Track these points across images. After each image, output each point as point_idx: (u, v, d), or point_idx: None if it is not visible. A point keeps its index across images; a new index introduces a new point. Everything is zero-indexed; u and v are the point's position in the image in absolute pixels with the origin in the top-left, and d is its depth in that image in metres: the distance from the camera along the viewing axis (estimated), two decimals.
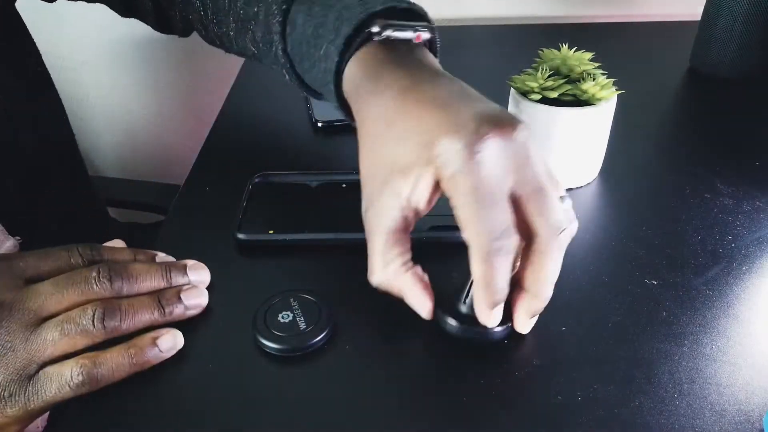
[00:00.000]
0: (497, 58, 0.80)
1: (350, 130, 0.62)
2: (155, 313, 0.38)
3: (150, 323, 0.38)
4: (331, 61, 0.40)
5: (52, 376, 0.34)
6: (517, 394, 0.35)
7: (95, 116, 1.08)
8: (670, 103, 0.70)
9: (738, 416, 0.34)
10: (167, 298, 0.39)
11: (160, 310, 0.38)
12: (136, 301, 0.37)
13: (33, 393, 0.34)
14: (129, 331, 0.37)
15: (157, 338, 0.37)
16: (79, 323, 0.35)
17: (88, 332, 0.35)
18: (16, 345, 0.34)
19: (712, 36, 0.71)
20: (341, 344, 0.39)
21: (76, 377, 0.34)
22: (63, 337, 0.35)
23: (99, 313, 0.36)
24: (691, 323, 0.40)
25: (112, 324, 0.36)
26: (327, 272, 0.45)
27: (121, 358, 0.35)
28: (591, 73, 0.50)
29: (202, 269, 0.42)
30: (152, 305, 0.38)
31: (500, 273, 0.34)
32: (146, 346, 0.36)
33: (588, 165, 0.53)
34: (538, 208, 0.34)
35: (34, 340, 0.34)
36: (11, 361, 0.34)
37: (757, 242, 0.46)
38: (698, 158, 0.57)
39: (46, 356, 0.35)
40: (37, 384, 0.34)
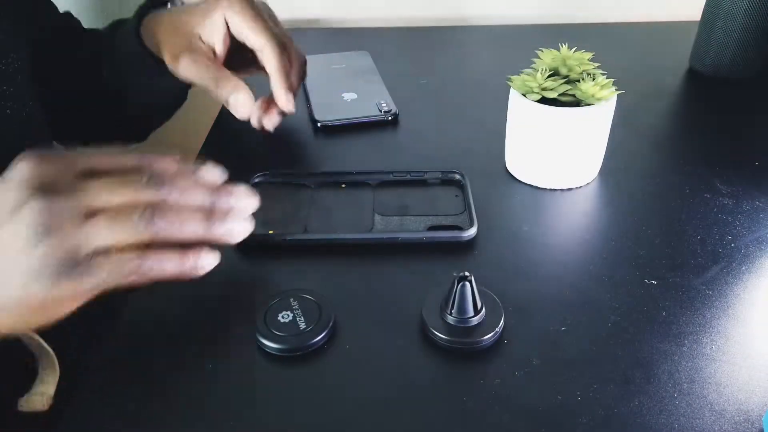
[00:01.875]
0: (497, 58, 0.80)
1: (350, 131, 0.63)
2: (198, 227, 0.39)
3: (191, 235, 0.39)
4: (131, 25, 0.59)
5: (104, 263, 0.36)
6: (517, 394, 0.35)
7: None
8: (669, 103, 0.70)
9: (737, 416, 0.34)
10: (212, 215, 0.40)
11: (204, 224, 0.39)
12: (183, 211, 0.39)
13: (86, 274, 0.36)
14: (172, 237, 0.38)
15: (198, 253, 0.39)
16: (129, 219, 0.37)
17: (135, 229, 0.37)
18: (71, 228, 0.36)
19: (711, 36, 0.71)
20: (341, 344, 0.39)
21: (127, 265, 0.36)
22: (113, 229, 0.36)
23: (148, 213, 0.37)
24: (691, 323, 0.40)
25: (158, 225, 0.37)
26: (327, 272, 0.45)
27: (165, 260, 0.37)
28: (590, 73, 0.50)
29: (247, 197, 0.42)
30: (197, 218, 0.39)
31: (287, 60, 0.54)
32: (187, 256, 0.38)
33: (588, 165, 0.53)
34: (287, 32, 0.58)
35: (87, 228, 0.36)
36: (65, 242, 0.35)
37: (757, 242, 0.46)
38: (698, 158, 0.57)
39: (96, 244, 0.36)
40: (89, 268, 0.36)
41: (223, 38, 0.53)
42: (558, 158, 0.51)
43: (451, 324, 0.38)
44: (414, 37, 0.87)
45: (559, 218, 0.50)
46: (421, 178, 0.53)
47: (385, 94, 0.68)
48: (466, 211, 0.49)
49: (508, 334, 0.39)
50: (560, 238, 0.48)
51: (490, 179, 0.54)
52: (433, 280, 0.42)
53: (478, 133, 0.62)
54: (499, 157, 0.56)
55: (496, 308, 0.39)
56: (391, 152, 0.60)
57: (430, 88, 0.72)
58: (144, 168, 0.39)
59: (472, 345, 0.38)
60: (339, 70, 0.75)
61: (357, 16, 0.96)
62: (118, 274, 0.36)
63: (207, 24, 0.53)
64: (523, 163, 0.53)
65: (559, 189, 0.53)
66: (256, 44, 0.53)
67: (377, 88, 0.70)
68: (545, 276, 0.44)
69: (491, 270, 0.44)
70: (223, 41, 0.53)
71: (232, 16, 0.52)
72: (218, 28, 0.53)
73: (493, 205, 0.51)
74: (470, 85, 0.73)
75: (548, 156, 0.51)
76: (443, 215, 0.49)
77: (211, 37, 0.53)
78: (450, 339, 0.38)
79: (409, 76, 0.75)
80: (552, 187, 0.53)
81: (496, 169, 0.56)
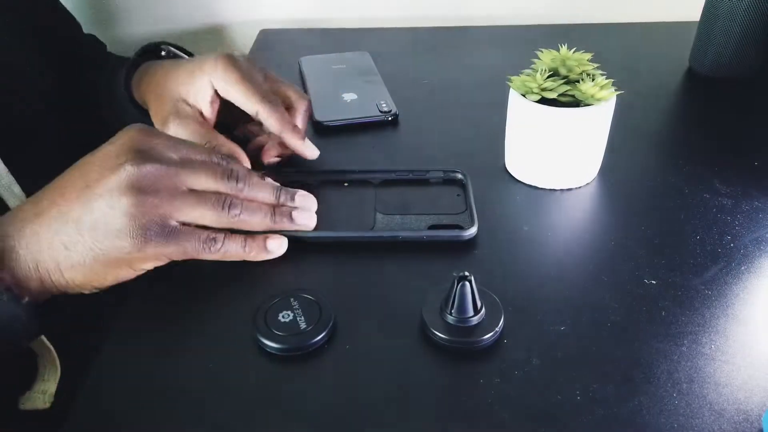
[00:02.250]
0: (497, 58, 0.80)
1: (350, 131, 0.63)
2: (267, 218, 0.44)
3: (260, 225, 0.44)
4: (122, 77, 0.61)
5: (190, 232, 0.41)
6: (517, 394, 0.35)
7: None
8: (669, 103, 0.70)
9: (737, 415, 0.34)
10: (281, 210, 0.45)
11: (271, 216, 0.44)
12: (254, 203, 0.44)
13: (172, 239, 0.40)
14: (243, 225, 0.43)
15: (268, 239, 0.44)
16: (214, 202, 0.41)
17: (217, 212, 0.41)
18: (164, 195, 0.39)
19: (711, 36, 0.71)
20: (341, 344, 0.39)
21: (210, 239, 0.41)
22: (199, 207, 0.41)
23: (228, 200, 0.42)
24: (690, 323, 0.40)
25: (234, 212, 0.42)
26: (328, 272, 0.45)
27: (239, 242, 0.43)
28: (590, 74, 0.50)
29: (309, 198, 0.47)
30: (266, 210, 0.44)
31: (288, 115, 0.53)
32: (261, 242, 0.44)
33: (587, 165, 0.53)
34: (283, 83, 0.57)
35: (179, 198, 0.40)
36: (157, 206, 0.39)
37: (756, 242, 0.46)
38: (697, 158, 0.57)
39: (184, 216, 0.40)
40: (177, 234, 0.40)
41: (210, 100, 0.52)
42: (558, 158, 0.51)
43: (451, 324, 0.38)
44: (414, 37, 0.87)
45: (559, 218, 0.50)
46: (423, 177, 0.53)
47: (385, 94, 0.68)
48: (467, 211, 0.49)
49: (508, 334, 0.39)
50: (560, 238, 0.48)
51: (489, 179, 0.54)
52: (433, 280, 0.42)
53: (478, 133, 0.62)
54: (499, 157, 0.56)
55: (496, 308, 0.39)
56: (391, 152, 0.60)
57: (430, 88, 0.72)
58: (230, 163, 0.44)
59: (472, 345, 0.38)
60: (339, 70, 0.75)
61: (357, 16, 0.96)
62: (200, 247, 0.41)
63: (190, 89, 0.52)
64: (523, 163, 0.53)
65: (559, 189, 0.53)
66: (250, 110, 0.51)
67: (377, 88, 0.70)
68: (545, 276, 0.44)
69: (491, 270, 0.44)
70: (211, 103, 0.52)
71: (217, 81, 0.51)
72: (204, 92, 0.52)
73: (493, 205, 0.51)
74: (470, 85, 0.73)
75: (548, 156, 0.51)
76: (444, 214, 0.49)
77: (197, 101, 0.53)
78: (450, 339, 0.38)
79: (409, 76, 0.75)
80: (552, 187, 0.53)
81: (496, 169, 0.56)
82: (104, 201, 0.38)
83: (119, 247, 0.38)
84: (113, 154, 0.39)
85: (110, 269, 0.39)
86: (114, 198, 0.38)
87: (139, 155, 0.39)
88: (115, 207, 0.38)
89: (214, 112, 0.53)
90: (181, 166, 0.41)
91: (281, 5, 0.95)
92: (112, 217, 0.38)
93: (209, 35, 0.97)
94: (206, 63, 0.52)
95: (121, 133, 0.41)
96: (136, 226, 0.38)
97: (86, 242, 0.38)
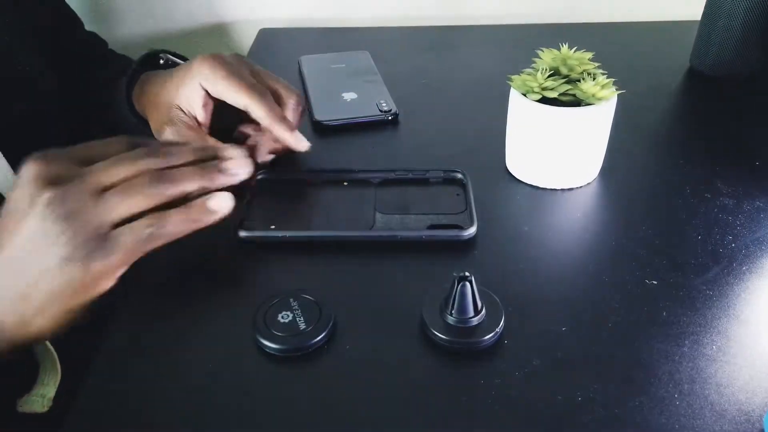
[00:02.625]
0: (497, 58, 0.80)
1: (350, 130, 0.63)
2: (203, 179, 0.42)
3: (199, 188, 0.42)
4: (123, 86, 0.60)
5: (125, 232, 0.38)
6: (517, 394, 0.35)
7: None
8: (670, 103, 0.70)
9: (738, 416, 0.34)
10: (212, 166, 0.43)
11: (202, 176, 0.42)
12: (184, 168, 0.42)
13: (110, 248, 0.38)
14: (182, 193, 0.41)
15: (209, 199, 0.42)
16: (137, 187, 0.39)
17: (147, 194, 0.39)
18: (87, 209, 0.38)
19: (711, 36, 0.71)
20: (341, 344, 0.39)
21: (147, 230, 0.39)
22: (125, 200, 0.39)
23: (154, 177, 0.40)
24: (691, 323, 0.40)
25: (166, 186, 0.40)
26: (327, 272, 0.45)
27: (181, 215, 0.40)
28: (591, 73, 0.50)
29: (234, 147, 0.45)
30: (199, 171, 0.42)
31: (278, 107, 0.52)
32: (201, 205, 0.41)
33: (588, 165, 0.53)
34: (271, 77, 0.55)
35: (101, 205, 0.38)
36: (84, 224, 0.37)
37: (757, 242, 0.46)
38: (698, 158, 0.57)
39: (114, 217, 0.38)
40: (113, 240, 0.38)
41: (202, 103, 0.52)
42: (558, 158, 0.51)
43: (451, 324, 0.38)
44: (414, 37, 0.87)
45: (559, 218, 0.50)
46: (422, 176, 0.53)
47: (385, 94, 0.68)
48: (467, 210, 0.49)
49: (508, 334, 0.39)
50: (560, 238, 0.48)
51: (490, 179, 0.54)
52: (433, 280, 0.42)
53: (478, 133, 0.62)
54: (499, 157, 0.56)
55: (496, 308, 0.39)
56: (391, 152, 0.60)
57: (430, 88, 0.72)
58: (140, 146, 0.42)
59: (472, 345, 0.38)
60: (339, 70, 0.75)
61: (357, 16, 0.96)
62: (143, 239, 0.39)
63: (182, 94, 0.52)
64: (523, 163, 0.53)
65: (559, 189, 0.53)
66: (239, 104, 0.51)
67: (377, 88, 0.70)
68: (545, 276, 0.44)
69: (491, 270, 0.44)
70: (204, 106, 0.52)
71: (205, 81, 0.51)
72: (195, 95, 0.52)
73: (493, 204, 0.51)
74: (470, 85, 0.73)
75: (548, 156, 0.51)
76: (444, 214, 0.49)
77: (189, 106, 0.52)
78: (450, 339, 0.38)
79: (409, 76, 0.74)
80: (552, 187, 0.53)
81: (496, 169, 0.56)
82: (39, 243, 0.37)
83: (70, 279, 0.37)
84: (23, 198, 0.38)
85: (75, 299, 0.38)
86: (46, 236, 0.37)
87: (46, 184, 0.38)
88: (51, 243, 0.37)
89: (208, 116, 0.53)
90: (91, 170, 0.39)
91: (281, 5, 0.95)
92: (51, 252, 0.37)
93: (209, 35, 0.97)
94: (193, 65, 0.52)
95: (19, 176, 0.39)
96: (74, 250, 0.37)
97: (42, 287, 0.37)
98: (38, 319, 0.38)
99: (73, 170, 0.39)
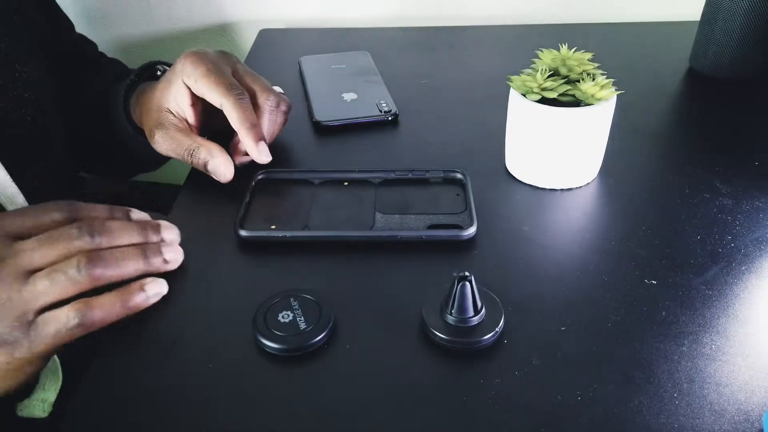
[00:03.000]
0: (497, 58, 0.80)
1: (350, 131, 0.63)
2: (139, 263, 0.41)
3: (133, 273, 0.40)
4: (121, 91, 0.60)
5: (49, 320, 0.37)
6: (517, 393, 0.35)
7: None
8: (669, 103, 0.70)
9: (737, 416, 0.34)
10: (150, 248, 0.42)
11: (143, 259, 0.41)
12: (118, 251, 0.40)
13: (35, 337, 0.37)
14: (113, 279, 0.39)
15: (144, 284, 0.40)
16: (66, 272, 0.38)
17: (75, 280, 0.38)
18: (12, 295, 0.36)
19: (711, 36, 0.71)
20: (341, 344, 0.39)
21: (72, 319, 0.37)
22: (53, 286, 0.37)
23: (83, 262, 0.38)
24: (691, 323, 0.40)
25: (96, 271, 0.38)
26: (327, 271, 0.45)
27: (111, 302, 0.38)
28: (590, 73, 0.50)
29: (172, 229, 0.45)
30: (135, 255, 0.41)
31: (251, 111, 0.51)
32: (134, 290, 0.40)
33: (588, 165, 0.53)
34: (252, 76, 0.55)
35: (27, 290, 0.37)
36: (9, 311, 0.36)
37: (757, 242, 0.46)
38: (698, 158, 0.57)
39: (40, 304, 0.37)
40: (37, 329, 0.37)
41: (189, 103, 0.52)
42: (558, 158, 0.51)
43: (451, 324, 0.38)
44: (414, 37, 0.87)
45: (559, 218, 0.50)
46: (422, 176, 0.53)
47: (385, 94, 0.68)
48: (467, 210, 0.49)
49: (508, 334, 0.39)
50: (560, 238, 0.48)
51: (490, 179, 0.54)
52: (433, 280, 0.42)
53: (478, 133, 0.62)
54: (499, 157, 0.56)
55: (496, 308, 0.39)
56: (391, 152, 0.60)
57: (430, 88, 0.72)
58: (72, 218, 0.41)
59: (472, 345, 0.38)
60: (339, 70, 0.75)
61: (357, 16, 0.96)
62: (69, 329, 0.37)
63: (169, 95, 0.52)
64: (523, 163, 0.53)
65: (559, 189, 0.53)
66: (215, 102, 0.51)
67: (377, 88, 0.70)
68: (545, 276, 0.44)
69: (491, 270, 0.44)
70: (192, 107, 0.52)
71: (187, 79, 0.51)
72: (182, 96, 0.51)
73: (493, 205, 0.51)
74: (470, 85, 0.73)
75: (548, 156, 0.51)
76: (444, 214, 0.49)
77: (178, 107, 0.52)
78: (450, 339, 0.38)
79: (409, 76, 0.75)
80: (552, 187, 0.53)
81: (496, 169, 0.56)
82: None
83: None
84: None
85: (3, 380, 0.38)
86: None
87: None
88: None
89: (197, 116, 0.53)
90: (21, 250, 0.38)
91: (281, 5, 0.95)
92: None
93: (209, 36, 0.98)
94: (177, 64, 0.52)
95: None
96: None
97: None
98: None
99: (2, 248, 0.38)
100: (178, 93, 0.51)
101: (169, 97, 0.52)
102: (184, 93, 0.51)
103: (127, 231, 0.42)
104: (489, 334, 0.38)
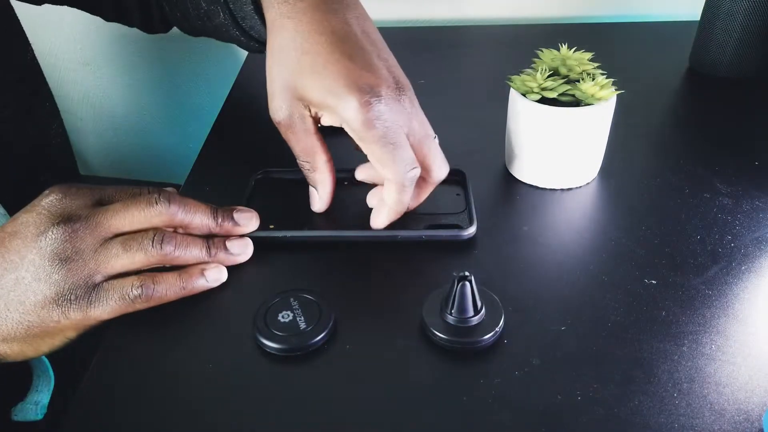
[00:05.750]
0: (497, 58, 0.80)
1: None
2: (203, 251, 0.42)
3: (197, 259, 0.42)
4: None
5: (115, 287, 0.38)
6: (517, 394, 0.35)
7: (95, 117, 1.08)
8: (669, 103, 0.70)
9: (737, 415, 0.34)
10: (215, 242, 0.43)
11: (207, 250, 0.42)
12: (188, 236, 0.42)
13: (95, 299, 0.38)
14: (179, 260, 0.41)
15: (205, 270, 0.42)
16: (141, 242, 0.39)
17: (146, 251, 0.39)
18: (87, 253, 0.38)
19: (711, 36, 0.71)
20: (341, 344, 0.39)
21: (136, 289, 0.39)
22: (125, 252, 0.39)
23: (158, 237, 0.40)
24: (691, 323, 0.40)
25: (167, 249, 0.40)
26: (327, 271, 0.45)
27: (174, 281, 0.40)
28: (590, 73, 0.50)
29: (249, 215, 0.45)
30: (201, 244, 0.42)
31: (409, 196, 0.44)
32: (195, 273, 0.41)
33: (587, 165, 0.53)
34: (431, 150, 0.45)
35: (102, 252, 0.38)
36: (80, 267, 0.38)
37: (757, 242, 0.46)
38: (697, 158, 0.57)
39: (110, 269, 0.39)
40: (101, 292, 0.38)
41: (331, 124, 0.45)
42: (558, 158, 0.51)
43: (451, 324, 0.38)
44: (413, 37, 0.87)
45: (559, 218, 0.50)
46: None
47: None
48: (467, 210, 0.49)
49: (508, 334, 0.39)
50: (560, 238, 0.48)
51: (489, 179, 0.54)
52: (433, 280, 0.42)
53: (478, 133, 0.62)
54: (499, 157, 0.56)
55: (496, 308, 0.39)
56: None
57: (430, 88, 0.72)
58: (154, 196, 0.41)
59: (472, 345, 0.38)
60: None
61: None
62: (129, 300, 0.39)
63: (327, 112, 0.44)
64: (523, 163, 0.53)
65: (559, 189, 0.53)
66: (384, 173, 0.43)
67: None
68: (545, 276, 0.44)
69: (491, 270, 0.44)
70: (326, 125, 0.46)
71: (351, 132, 0.43)
72: (335, 122, 0.44)
73: (493, 204, 0.51)
74: (470, 85, 0.73)
75: (548, 156, 0.51)
76: (444, 214, 0.49)
77: (323, 120, 0.45)
78: (450, 339, 0.38)
79: (408, 75, 0.74)
80: (552, 187, 0.53)
81: (496, 169, 0.56)
82: (29, 273, 0.37)
83: (47, 318, 0.37)
84: (32, 224, 0.38)
85: (43, 339, 0.38)
86: (38, 269, 0.37)
87: (58, 219, 0.38)
88: (41, 278, 0.37)
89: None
90: (103, 214, 0.39)
91: None
92: (37, 288, 0.37)
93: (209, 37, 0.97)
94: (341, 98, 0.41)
95: (39, 198, 0.39)
96: (60, 293, 0.37)
97: (14, 316, 0.37)
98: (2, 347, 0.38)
99: (88, 209, 0.39)
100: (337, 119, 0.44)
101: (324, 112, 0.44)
102: (336, 123, 0.44)
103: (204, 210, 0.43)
104: (489, 334, 0.38)
